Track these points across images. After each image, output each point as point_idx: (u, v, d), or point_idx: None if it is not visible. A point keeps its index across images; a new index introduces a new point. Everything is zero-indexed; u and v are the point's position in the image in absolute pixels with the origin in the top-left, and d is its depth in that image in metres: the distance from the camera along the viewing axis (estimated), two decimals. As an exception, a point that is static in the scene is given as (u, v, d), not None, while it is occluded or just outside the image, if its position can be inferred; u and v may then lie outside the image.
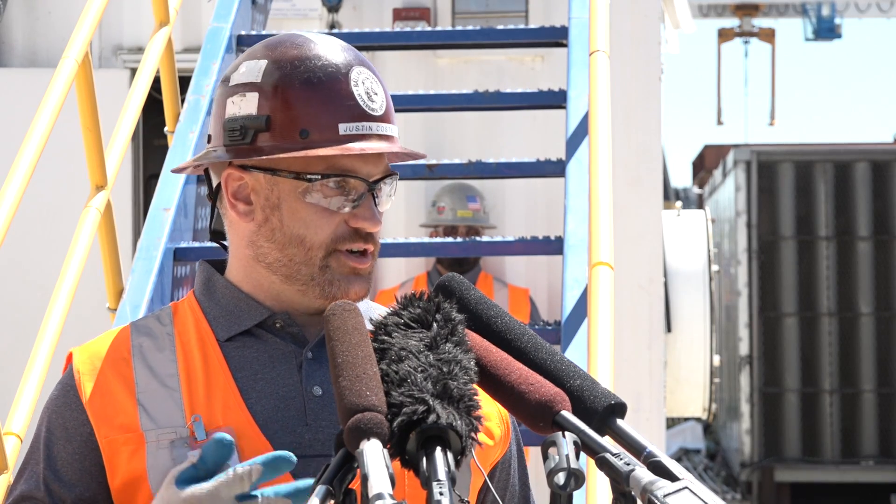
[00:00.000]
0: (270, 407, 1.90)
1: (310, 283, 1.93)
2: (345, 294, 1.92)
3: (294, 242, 1.92)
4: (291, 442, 1.88)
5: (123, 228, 6.44)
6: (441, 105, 5.48)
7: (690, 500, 1.56)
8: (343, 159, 1.91)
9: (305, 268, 1.92)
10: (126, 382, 1.91)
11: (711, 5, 23.09)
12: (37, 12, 7.46)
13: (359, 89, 1.92)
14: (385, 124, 1.93)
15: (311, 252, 1.92)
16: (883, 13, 22.49)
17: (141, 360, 1.93)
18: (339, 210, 1.91)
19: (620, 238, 5.38)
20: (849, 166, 14.03)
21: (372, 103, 1.92)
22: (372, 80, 1.94)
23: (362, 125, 1.91)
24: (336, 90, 1.91)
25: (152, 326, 1.97)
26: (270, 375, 1.92)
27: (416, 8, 7.40)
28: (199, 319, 1.97)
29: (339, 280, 1.92)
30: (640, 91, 7.09)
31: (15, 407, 3.83)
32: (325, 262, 1.92)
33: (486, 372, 1.74)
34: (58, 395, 1.94)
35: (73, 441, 1.91)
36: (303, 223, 1.92)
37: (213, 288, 1.99)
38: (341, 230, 1.92)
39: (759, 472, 13.99)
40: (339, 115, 1.91)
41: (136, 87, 4.80)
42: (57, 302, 4.09)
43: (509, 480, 2.04)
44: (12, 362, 5.81)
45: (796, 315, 14.01)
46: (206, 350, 1.94)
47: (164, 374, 1.91)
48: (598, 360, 3.73)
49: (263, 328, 1.95)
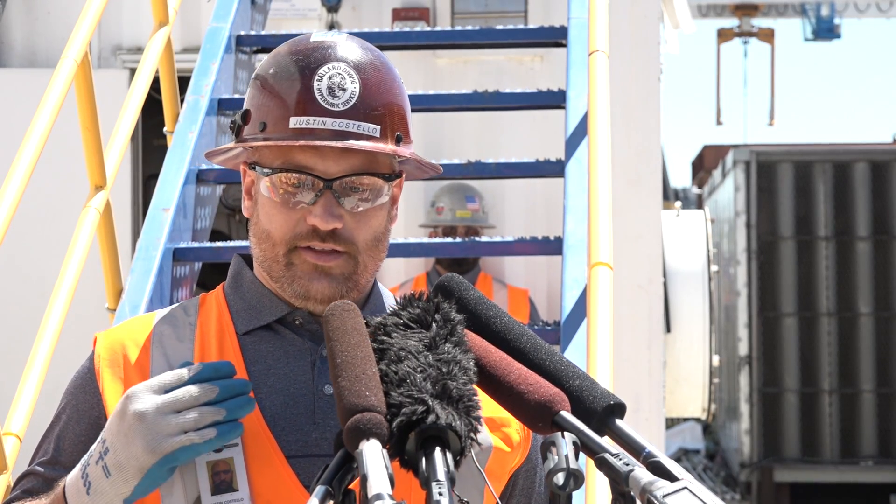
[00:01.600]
0: (280, 403, 1.89)
1: (281, 280, 1.93)
2: (306, 291, 1.90)
3: (264, 237, 1.93)
4: (298, 440, 1.88)
5: (123, 229, 6.44)
6: (440, 105, 5.48)
7: (690, 501, 1.56)
8: (299, 154, 1.89)
9: (275, 264, 1.93)
10: (142, 371, 1.92)
11: (711, 5, 23.09)
12: (36, 12, 7.46)
13: (321, 83, 1.89)
14: (347, 120, 1.89)
15: (276, 248, 1.92)
16: (882, 13, 22.50)
17: (159, 348, 1.94)
18: (295, 206, 1.90)
19: (620, 238, 5.38)
20: (848, 166, 14.03)
21: (333, 98, 1.89)
22: (349, 77, 1.90)
23: (314, 119, 1.88)
24: (294, 84, 1.90)
25: (177, 316, 1.98)
26: (284, 371, 1.92)
27: (415, 8, 7.40)
28: (222, 312, 1.97)
29: (300, 277, 1.91)
30: (639, 91, 7.09)
31: (14, 407, 3.83)
32: (289, 258, 1.91)
33: (485, 372, 1.74)
34: (77, 377, 1.96)
35: (82, 422, 1.92)
36: (269, 218, 1.92)
37: (240, 281, 2.00)
38: (301, 227, 1.90)
39: (759, 472, 13.99)
40: (290, 108, 1.89)
41: (135, 87, 4.80)
42: (56, 302, 4.09)
43: (534, 488, 2.02)
44: (12, 362, 5.81)
45: (795, 315, 14.00)
46: (223, 342, 1.94)
47: (179, 364, 1.91)
48: (598, 361, 3.73)
49: (283, 324, 1.95)
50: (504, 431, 1.95)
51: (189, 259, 4.59)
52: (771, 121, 24.32)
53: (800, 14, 23.75)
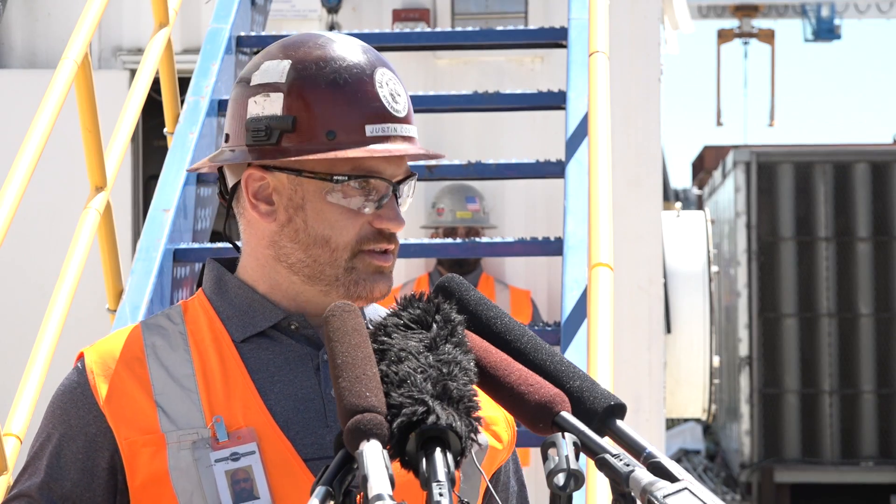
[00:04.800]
0: (290, 408, 1.89)
1: (334, 284, 1.92)
2: (370, 293, 1.92)
3: (319, 243, 1.92)
4: (313, 443, 1.87)
5: (123, 229, 6.44)
6: (440, 106, 5.48)
7: (690, 501, 1.56)
8: (368, 160, 1.91)
9: (330, 269, 1.92)
10: (142, 383, 1.90)
11: (711, 6, 23.11)
12: (36, 13, 7.46)
13: (383, 90, 1.92)
14: (407, 125, 1.94)
15: (337, 253, 1.91)
16: (882, 14, 22.50)
17: (155, 360, 1.92)
18: (362, 210, 1.91)
19: (620, 239, 5.38)
20: (848, 167, 14.03)
21: (396, 104, 1.93)
22: (395, 81, 1.95)
23: (388, 126, 1.91)
24: (362, 91, 1.91)
25: (164, 325, 1.96)
26: (288, 377, 1.91)
27: (415, 9, 7.40)
28: (212, 319, 1.96)
29: (364, 280, 1.92)
30: (639, 92, 7.09)
31: (14, 408, 3.83)
32: (351, 263, 1.91)
33: (485, 373, 1.74)
34: (63, 393, 1.93)
35: (77, 440, 1.90)
36: (328, 224, 1.91)
37: (225, 287, 1.98)
38: (365, 231, 1.92)
39: (759, 472, 13.99)
40: (365, 116, 1.90)
41: (135, 88, 4.80)
42: (56, 303, 4.09)
43: (510, 483, 2.04)
44: (12, 363, 5.81)
45: (796, 316, 14.00)
46: (221, 350, 1.93)
47: (180, 375, 1.90)
48: (598, 361, 3.73)
49: (278, 329, 1.94)
50: (493, 430, 1.96)
51: (189, 260, 4.59)
52: (771, 122, 24.33)
53: (800, 15, 23.77)
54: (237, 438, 1.86)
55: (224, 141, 1.99)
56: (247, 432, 1.87)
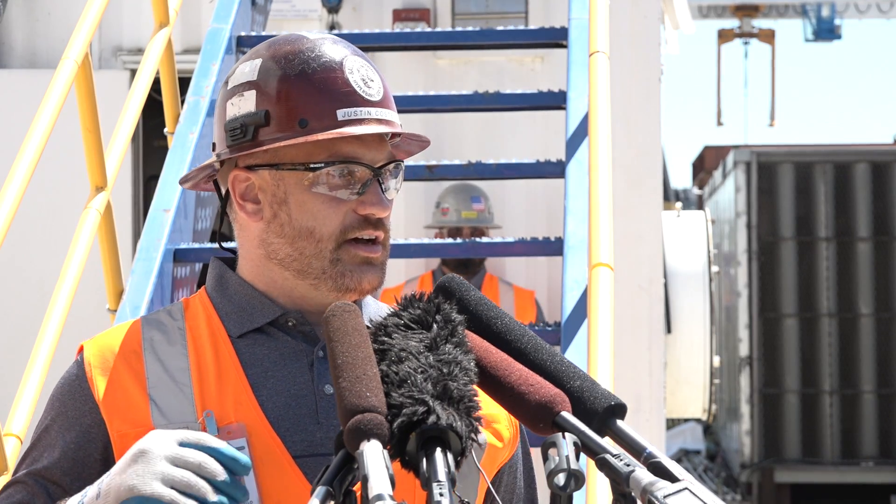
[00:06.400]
0: (282, 404, 1.90)
1: (322, 277, 1.92)
2: (357, 284, 1.92)
3: (303, 235, 1.92)
4: (303, 440, 1.88)
5: (123, 229, 6.44)
6: (441, 106, 5.48)
7: (690, 501, 1.56)
8: (345, 146, 1.91)
9: (316, 261, 1.92)
10: (137, 376, 1.91)
11: (711, 6, 23.10)
12: (36, 13, 7.46)
13: (354, 76, 1.93)
14: (383, 109, 1.94)
15: (322, 244, 1.92)
16: (883, 14, 22.49)
17: (152, 353, 1.93)
18: (346, 199, 1.91)
19: (620, 239, 5.39)
20: (849, 167, 14.03)
21: (368, 89, 1.93)
22: (367, 67, 1.95)
23: (360, 110, 1.92)
24: (331, 79, 1.92)
25: (164, 320, 1.97)
26: (282, 373, 1.92)
27: (415, 9, 7.40)
28: (210, 315, 1.97)
29: (350, 272, 1.92)
30: (639, 92, 7.09)
31: (15, 408, 3.83)
32: (336, 254, 1.92)
33: (486, 373, 1.74)
34: (63, 384, 1.95)
35: (72, 430, 1.91)
36: (311, 215, 1.92)
37: (225, 285, 1.99)
38: (350, 219, 1.92)
39: (759, 472, 13.99)
40: (335, 101, 1.91)
41: (135, 88, 4.80)
42: (57, 303, 4.09)
43: (515, 483, 2.03)
44: (12, 363, 5.82)
45: (796, 316, 14.00)
46: (217, 346, 1.94)
47: (175, 369, 1.91)
48: (598, 361, 3.73)
49: (276, 326, 1.95)
50: (494, 427, 1.96)
51: (189, 260, 4.59)
52: (771, 121, 24.32)
53: (800, 15, 23.75)
54: (227, 433, 1.87)
55: (212, 150, 2.01)
56: (237, 427, 1.87)
